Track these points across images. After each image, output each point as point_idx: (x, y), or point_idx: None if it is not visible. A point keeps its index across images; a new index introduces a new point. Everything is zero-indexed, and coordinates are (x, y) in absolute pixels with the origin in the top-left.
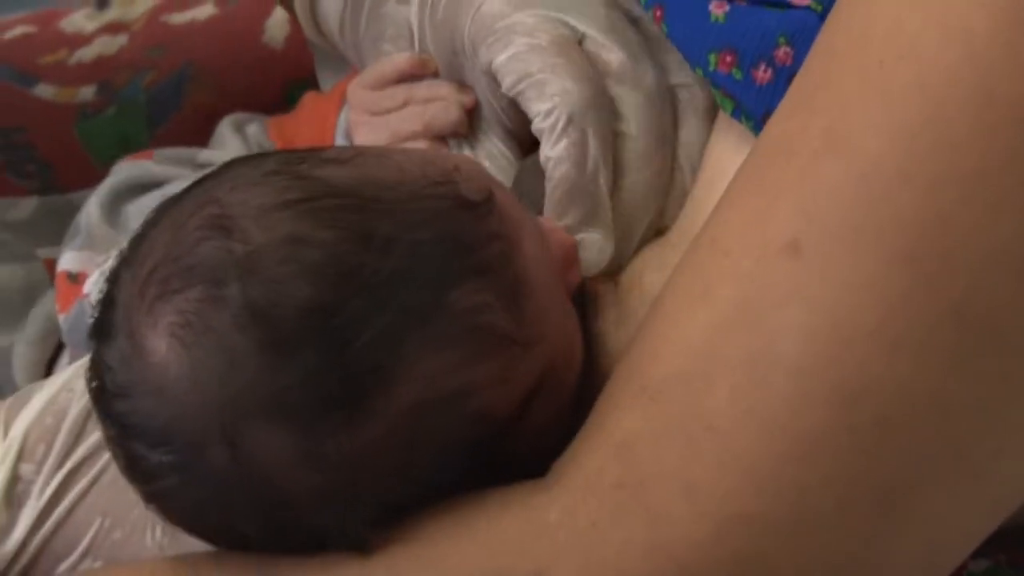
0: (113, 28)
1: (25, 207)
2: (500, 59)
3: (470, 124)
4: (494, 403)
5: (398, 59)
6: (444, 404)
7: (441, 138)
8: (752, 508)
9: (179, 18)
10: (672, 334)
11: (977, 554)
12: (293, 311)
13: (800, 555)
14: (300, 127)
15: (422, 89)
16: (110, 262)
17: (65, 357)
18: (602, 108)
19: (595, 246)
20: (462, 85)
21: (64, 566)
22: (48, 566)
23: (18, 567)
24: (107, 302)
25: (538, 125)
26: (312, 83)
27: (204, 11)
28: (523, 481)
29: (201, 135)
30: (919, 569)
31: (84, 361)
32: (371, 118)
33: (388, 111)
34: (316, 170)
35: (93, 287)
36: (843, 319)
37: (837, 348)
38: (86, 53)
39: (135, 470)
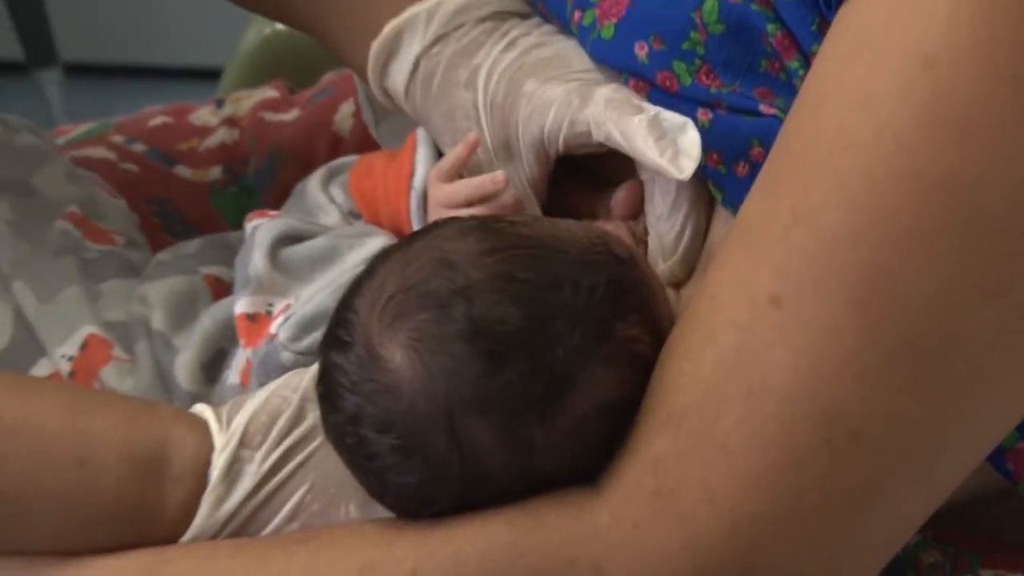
0: (229, 122)
1: (193, 245)
2: (589, 112)
3: None
4: (633, 413)
5: (461, 152)
6: (609, 409)
7: None
8: (757, 509)
9: (273, 117)
10: (687, 370)
11: None
12: (507, 329)
13: (794, 544)
14: (379, 190)
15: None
16: (301, 309)
17: (232, 363)
18: None
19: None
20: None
21: (269, 528)
22: (255, 529)
23: (229, 529)
24: (340, 323)
25: (656, 159)
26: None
27: (291, 114)
28: (572, 488)
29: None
30: (886, 551)
31: (290, 375)
32: (446, 210)
33: (458, 205)
34: (508, 228)
35: (280, 329)
36: (819, 356)
37: (816, 379)
38: (212, 142)
39: (361, 451)
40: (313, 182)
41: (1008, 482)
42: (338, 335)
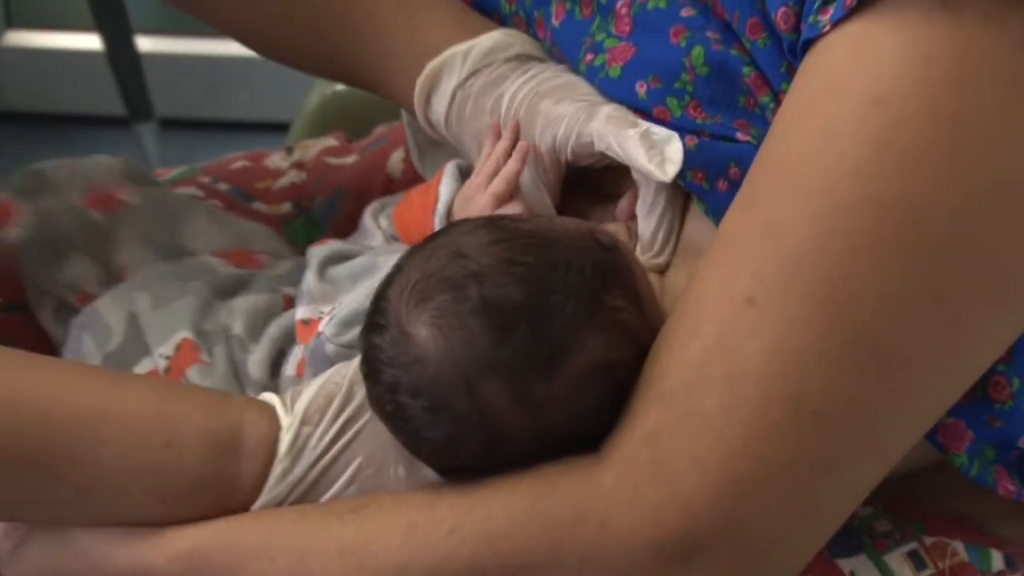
0: (297, 166)
1: (285, 266)
2: (593, 125)
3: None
4: (625, 375)
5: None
6: (601, 370)
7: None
8: (736, 474)
9: (335, 161)
10: (676, 358)
11: (863, 502)
12: (512, 304)
13: (767, 504)
14: (413, 219)
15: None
16: (341, 311)
17: (289, 359)
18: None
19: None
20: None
21: (330, 493)
22: (317, 495)
23: (294, 495)
24: (377, 310)
25: (645, 165)
26: None
27: (351, 159)
28: (577, 456)
29: (352, 231)
30: (843, 510)
31: (340, 366)
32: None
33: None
34: (511, 224)
35: (326, 327)
36: (787, 347)
37: (784, 366)
38: (283, 182)
39: (399, 415)
40: (367, 212)
41: (939, 452)
42: (375, 320)
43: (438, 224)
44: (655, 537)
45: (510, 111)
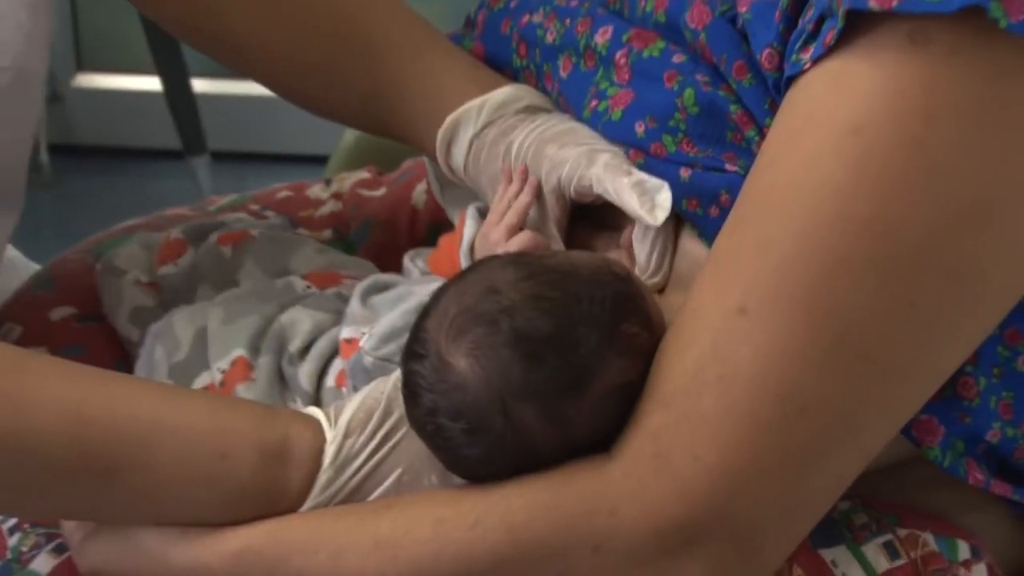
0: (335, 196)
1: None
2: (592, 171)
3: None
4: (638, 389)
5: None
6: (620, 391)
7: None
8: (731, 467)
9: (367, 193)
10: (675, 364)
11: (843, 496)
12: (541, 336)
13: (758, 494)
14: (441, 260)
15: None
16: (378, 327)
17: (330, 371)
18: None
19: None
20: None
21: (370, 499)
22: (359, 499)
23: (337, 501)
24: (416, 340)
25: (637, 211)
26: (443, 223)
27: (380, 191)
28: (593, 455)
29: (380, 255)
30: (827, 500)
31: (377, 382)
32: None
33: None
34: (536, 260)
35: (366, 342)
36: (775, 352)
37: (773, 370)
38: (323, 211)
39: (440, 435)
40: (406, 257)
41: (915, 446)
42: (415, 349)
43: (463, 260)
44: (660, 525)
45: (519, 156)
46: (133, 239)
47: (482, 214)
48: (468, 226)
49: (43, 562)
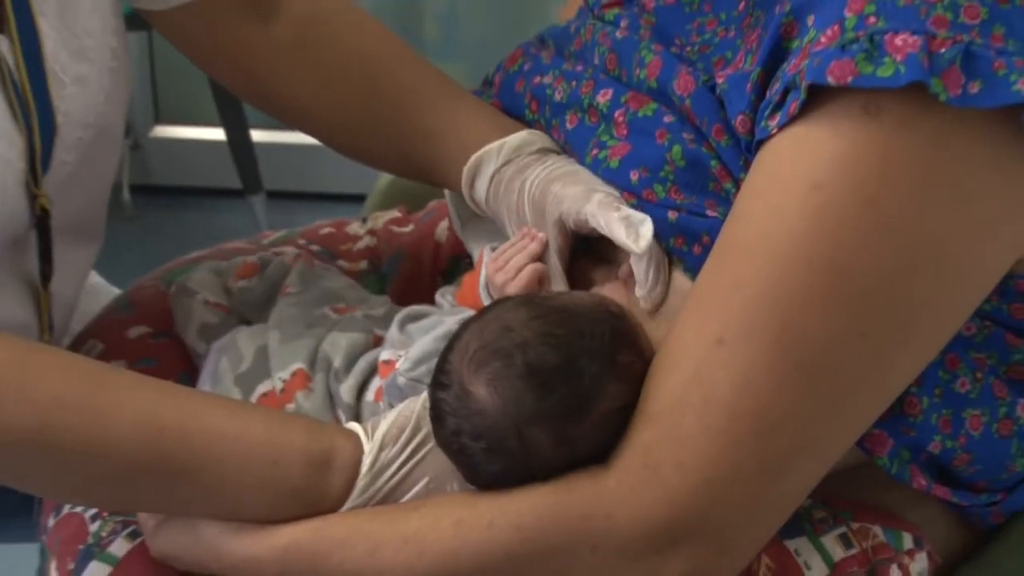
0: (370, 232)
1: (381, 309)
2: (588, 208)
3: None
4: (633, 409)
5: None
6: (618, 411)
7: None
8: (711, 476)
9: (397, 229)
10: (662, 388)
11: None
12: (550, 368)
13: (735, 499)
14: (466, 295)
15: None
16: (412, 352)
17: (370, 387)
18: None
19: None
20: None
21: (402, 501)
22: (391, 503)
23: (372, 504)
24: (442, 371)
25: (624, 240)
26: (462, 255)
27: (409, 228)
28: (591, 466)
29: (408, 282)
30: (793, 503)
31: (409, 401)
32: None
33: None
34: (544, 301)
35: (401, 364)
36: (748, 377)
37: (747, 392)
38: (360, 245)
39: (463, 453)
40: (438, 293)
41: (867, 455)
42: (440, 379)
43: (483, 296)
44: (649, 527)
45: (530, 191)
46: (202, 266)
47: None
48: (484, 266)
49: (119, 546)
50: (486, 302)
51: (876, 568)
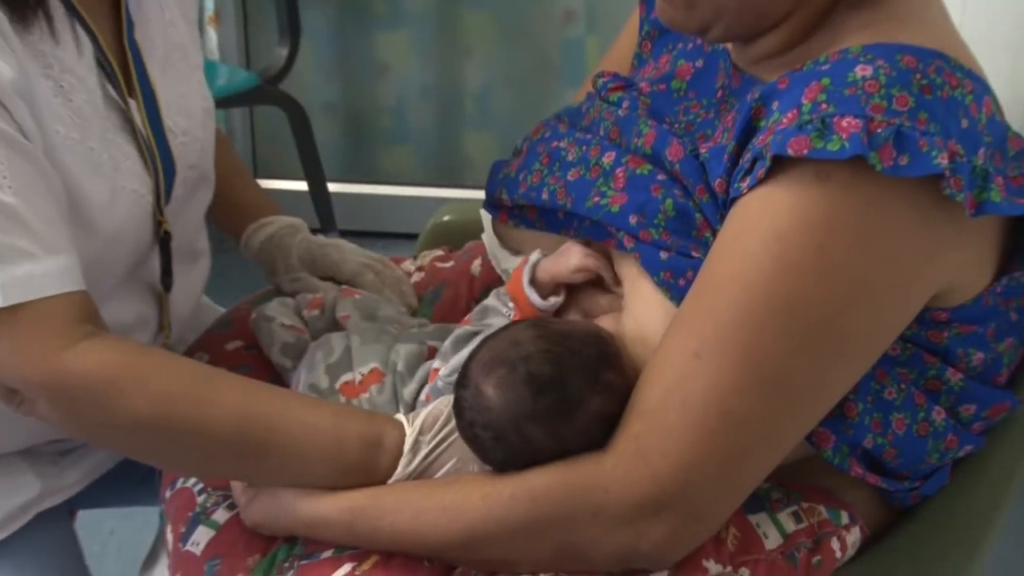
0: (419, 268)
1: (433, 326)
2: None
3: None
4: (615, 416)
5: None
6: (601, 416)
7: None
8: (689, 461)
9: (440, 265)
10: (649, 391)
11: (765, 480)
12: (546, 377)
13: (710, 479)
14: (513, 283)
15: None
16: (451, 363)
17: (424, 390)
18: None
19: None
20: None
21: (437, 476)
22: (429, 476)
23: (413, 476)
24: (463, 374)
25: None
26: (492, 285)
27: (450, 264)
28: (593, 451)
29: (447, 307)
30: (753, 483)
31: (442, 398)
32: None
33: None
34: (547, 325)
35: (442, 372)
36: (720, 384)
37: (719, 396)
38: (411, 280)
39: (476, 440)
40: (492, 295)
41: (814, 448)
42: (462, 380)
43: (525, 276)
44: (638, 499)
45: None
46: (273, 300)
47: (540, 253)
48: (532, 257)
49: (220, 515)
50: (529, 292)
51: (820, 539)
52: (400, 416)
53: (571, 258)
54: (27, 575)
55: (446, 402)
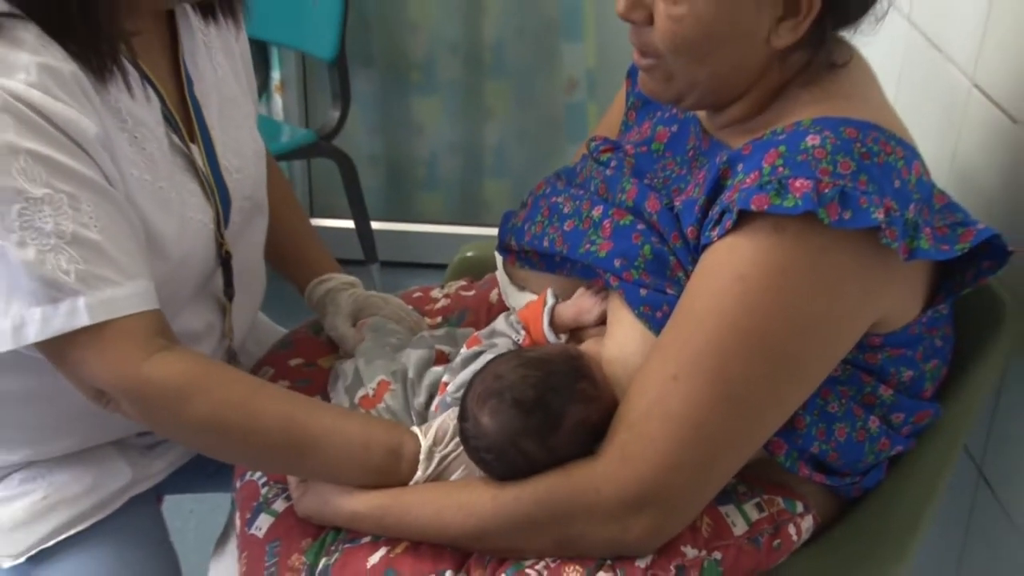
0: (445, 296)
1: (440, 331)
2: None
3: None
4: (595, 423)
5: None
6: (581, 424)
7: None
8: (667, 465)
9: (464, 293)
10: (634, 404)
11: (732, 477)
12: (529, 400)
13: (684, 478)
14: (527, 315)
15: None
16: (456, 381)
17: (434, 402)
18: None
19: None
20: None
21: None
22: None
23: (428, 480)
24: (463, 407)
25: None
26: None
27: (472, 292)
28: (585, 457)
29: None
30: (723, 482)
31: (450, 411)
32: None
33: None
34: (524, 354)
35: (450, 388)
36: (693, 402)
37: (693, 412)
38: (438, 305)
39: (481, 462)
40: (500, 318)
41: (769, 454)
42: (462, 415)
43: (545, 318)
44: (623, 497)
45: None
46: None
47: (554, 295)
48: (548, 299)
49: (279, 505)
50: (548, 333)
51: (779, 525)
52: (416, 429)
53: (593, 312)
54: (123, 550)
55: (452, 416)
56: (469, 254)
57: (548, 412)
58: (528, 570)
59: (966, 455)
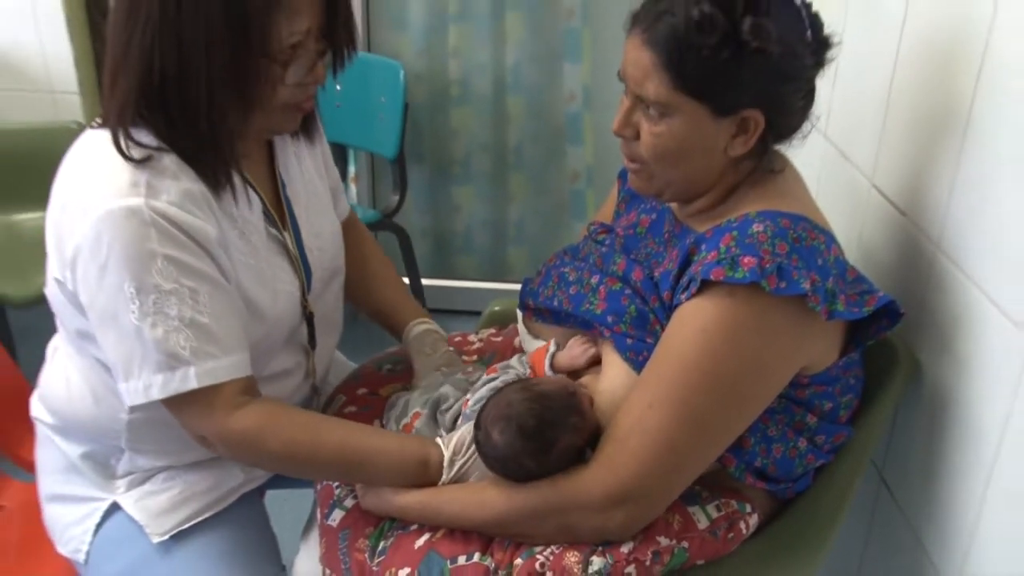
0: (480, 340)
1: (476, 375)
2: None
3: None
4: (581, 447)
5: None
6: (570, 447)
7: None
8: (644, 472)
9: (493, 338)
10: (619, 425)
11: (694, 483)
12: (531, 427)
13: (657, 482)
14: (534, 359)
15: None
16: (475, 397)
17: (461, 418)
18: None
19: None
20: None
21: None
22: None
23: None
24: (478, 425)
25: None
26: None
27: (499, 338)
28: (578, 466)
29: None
30: (686, 484)
31: (468, 425)
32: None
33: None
34: (530, 386)
35: (471, 402)
36: (664, 424)
37: (665, 431)
38: (473, 347)
39: (493, 468)
40: (514, 358)
41: (722, 466)
42: (477, 430)
43: (547, 362)
44: (608, 495)
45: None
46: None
47: (555, 344)
48: (551, 347)
49: (349, 502)
50: (548, 373)
51: (733, 522)
52: (439, 440)
53: (580, 359)
54: (236, 533)
55: (468, 429)
56: (496, 308)
57: (544, 439)
58: (538, 555)
59: (871, 463)
